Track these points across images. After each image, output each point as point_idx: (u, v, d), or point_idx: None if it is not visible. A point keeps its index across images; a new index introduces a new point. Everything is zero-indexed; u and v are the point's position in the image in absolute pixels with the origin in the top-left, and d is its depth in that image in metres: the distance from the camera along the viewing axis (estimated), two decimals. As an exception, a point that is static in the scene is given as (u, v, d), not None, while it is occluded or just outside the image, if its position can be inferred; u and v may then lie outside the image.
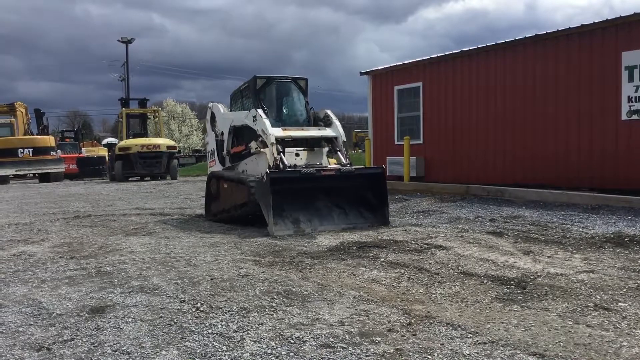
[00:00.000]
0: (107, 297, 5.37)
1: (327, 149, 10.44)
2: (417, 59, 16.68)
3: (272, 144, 9.42)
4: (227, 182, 10.36)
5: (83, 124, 72.75)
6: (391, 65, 17.61)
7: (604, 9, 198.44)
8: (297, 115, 10.81)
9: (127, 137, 29.19)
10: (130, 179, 27.80)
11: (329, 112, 10.51)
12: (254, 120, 10.00)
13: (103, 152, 36.82)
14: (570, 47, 12.65)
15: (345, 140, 10.26)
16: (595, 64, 12.16)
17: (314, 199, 9.45)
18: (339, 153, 10.02)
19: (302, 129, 10.22)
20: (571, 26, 12.68)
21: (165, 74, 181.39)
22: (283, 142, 9.74)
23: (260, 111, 9.91)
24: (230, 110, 11.54)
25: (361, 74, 18.56)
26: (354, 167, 9.80)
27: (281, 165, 9.27)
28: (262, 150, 9.82)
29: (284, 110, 10.91)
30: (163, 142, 28.50)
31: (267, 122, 9.67)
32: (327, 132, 10.16)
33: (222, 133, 11.49)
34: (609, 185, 11.73)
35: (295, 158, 9.96)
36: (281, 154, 9.44)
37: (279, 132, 9.66)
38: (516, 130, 13.84)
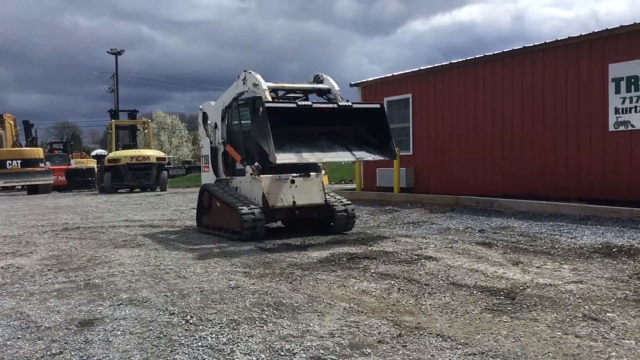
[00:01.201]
0: (95, 310, 5.34)
1: (322, 174, 10.41)
2: (407, 71, 16.79)
3: (265, 90, 9.34)
4: (220, 202, 10.32)
5: (72, 136, 72.40)
6: (381, 77, 17.72)
7: (590, 22, 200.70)
8: None
9: (117, 149, 29.09)
10: (119, 191, 27.69)
11: (319, 73, 10.41)
12: (244, 83, 9.97)
13: (92, 163, 36.67)
14: (558, 59, 12.77)
15: (339, 90, 10.04)
16: (583, 76, 12.28)
17: (314, 139, 9.35)
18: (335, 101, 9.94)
19: (294, 84, 10.13)
20: (559, 38, 12.82)
21: (154, 85, 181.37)
22: (276, 94, 9.67)
23: (250, 70, 9.86)
24: (227, 120, 11.31)
25: (351, 85, 18.65)
26: (351, 102, 9.72)
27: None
28: (256, 177, 9.82)
29: None
30: (152, 153, 28.43)
31: (259, 76, 9.62)
32: (320, 85, 10.05)
33: (215, 125, 11.27)
34: (597, 195, 11.82)
35: (290, 185, 9.92)
36: (275, 100, 9.37)
37: (271, 84, 9.65)
38: (505, 141, 13.94)
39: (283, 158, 8.69)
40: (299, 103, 9.18)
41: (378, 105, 9.97)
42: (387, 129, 9.77)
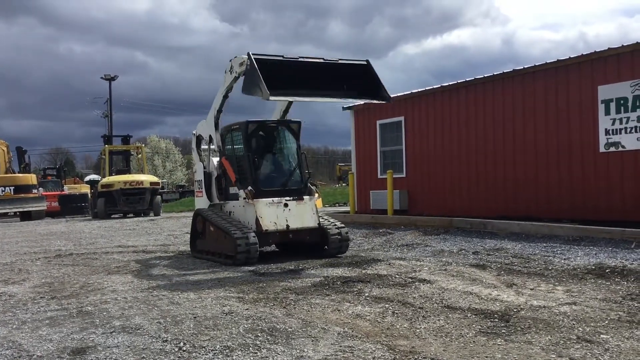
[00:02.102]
0: (88, 338, 5.30)
1: (316, 197, 10.42)
2: (399, 94, 16.89)
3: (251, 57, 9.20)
4: (213, 226, 10.30)
5: (65, 161, 72.24)
6: (373, 100, 17.79)
7: (579, 44, 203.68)
8: (289, 160, 10.84)
9: (110, 174, 29.04)
10: (112, 216, 27.59)
11: None
12: (230, 72, 9.96)
13: (85, 189, 36.55)
14: (548, 81, 12.90)
15: None
16: (573, 98, 12.40)
17: (306, 90, 9.23)
18: None
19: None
20: (548, 61, 12.96)
21: (148, 110, 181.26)
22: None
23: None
24: (221, 144, 11.28)
25: (344, 108, 18.73)
26: (337, 58, 9.63)
27: None
28: (249, 201, 9.84)
29: (276, 156, 10.90)
30: (146, 178, 28.37)
31: (243, 55, 9.43)
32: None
33: (210, 138, 11.14)
34: (590, 216, 11.86)
35: (283, 209, 9.94)
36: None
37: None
38: (497, 163, 14.01)
39: (276, 95, 8.51)
40: (286, 56, 9.10)
41: (364, 62, 9.78)
42: (377, 80, 9.54)
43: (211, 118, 11.04)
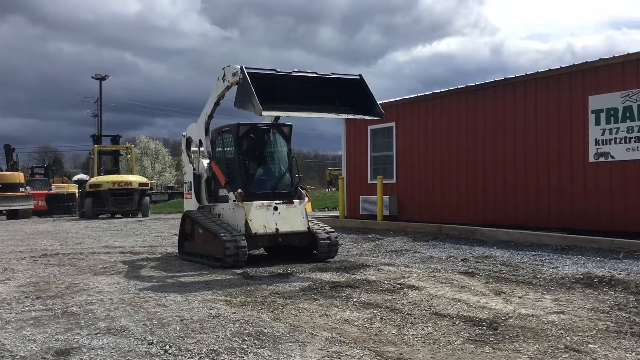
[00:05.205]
0: (72, 339, 5.24)
1: (306, 201, 10.39)
2: (390, 100, 16.91)
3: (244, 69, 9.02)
4: (202, 228, 10.23)
5: (54, 160, 71.61)
6: (364, 105, 17.80)
7: (566, 55, 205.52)
8: (280, 164, 10.80)
9: (99, 174, 28.87)
10: (100, 216, 27.41)
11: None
12: (223, 80, 9.84)
13: (73, 188, 36.28)
14: (539, 90, 12.95)
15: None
16: (563, 108, 12.45)
17: (299, 103, 9.19)
18: None
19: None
20: (539, 70, 13.01)
21: (138, 111, 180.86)
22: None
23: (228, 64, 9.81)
24: (212, 146, 11.19)
25: (335, 113, 18.69)
26: (330, 73, 9.61)
27: None
28: (239, 204, 9.79)
29: (266, 159, 10.86)
30: (135, 179, 28.22)
31: (237, 65, 9.32)
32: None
33: (200, 142, 11.04)
34: (579, 225, 11.90)
35: (273, 212, 9.90)
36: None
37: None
38: (487, 170, 14.03)
39: (269, 110, 8.46)
40: (279, 70, 9.07)
41: (357, 77, 9.76)
42: (370, 95, 9.54)
43: (202, 123, 10.96)
